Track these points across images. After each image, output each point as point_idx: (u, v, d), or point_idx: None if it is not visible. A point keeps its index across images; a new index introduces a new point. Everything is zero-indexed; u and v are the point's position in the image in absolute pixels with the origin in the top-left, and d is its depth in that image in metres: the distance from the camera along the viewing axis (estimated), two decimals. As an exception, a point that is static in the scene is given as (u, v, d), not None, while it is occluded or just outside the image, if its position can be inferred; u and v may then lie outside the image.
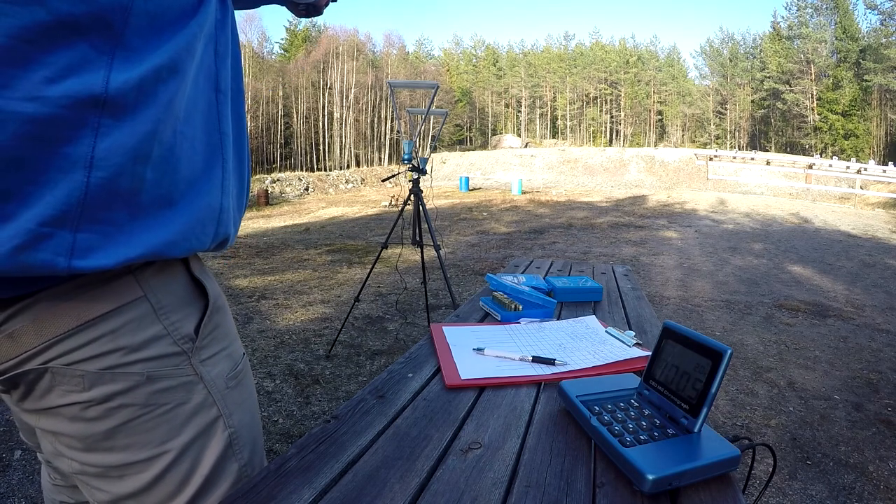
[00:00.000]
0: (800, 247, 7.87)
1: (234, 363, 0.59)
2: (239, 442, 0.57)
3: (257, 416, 0.62)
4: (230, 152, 0.54)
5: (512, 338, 0.96)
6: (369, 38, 51.86)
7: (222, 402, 0.55)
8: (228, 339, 0.58)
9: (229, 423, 0.56)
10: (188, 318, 0.53)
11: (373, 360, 2.93)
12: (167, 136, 0.45)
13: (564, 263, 1.94)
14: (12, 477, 1.77)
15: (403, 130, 3.41)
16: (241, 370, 0.59)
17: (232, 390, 0.57)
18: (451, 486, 0.50)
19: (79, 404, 0.47)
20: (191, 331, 0.53)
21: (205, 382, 0.54)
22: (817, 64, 38.96)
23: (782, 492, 1.83)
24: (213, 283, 0.57)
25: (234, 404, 0.57)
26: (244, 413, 0.59)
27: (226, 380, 0.56)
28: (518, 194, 17.92)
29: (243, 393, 0.59)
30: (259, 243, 7.67)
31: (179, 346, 0.51)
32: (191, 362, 0.52)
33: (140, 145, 0.42)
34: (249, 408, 0.60)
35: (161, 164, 0.45)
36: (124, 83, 0.40)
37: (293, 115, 41.57)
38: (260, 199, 19.18)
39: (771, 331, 3.70)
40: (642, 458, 0.50)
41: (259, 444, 0.62)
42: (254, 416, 0.61)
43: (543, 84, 54.88)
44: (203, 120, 0.50)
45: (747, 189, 19.80)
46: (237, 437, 0.57)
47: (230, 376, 0.57)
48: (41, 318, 0.44)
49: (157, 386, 0.50)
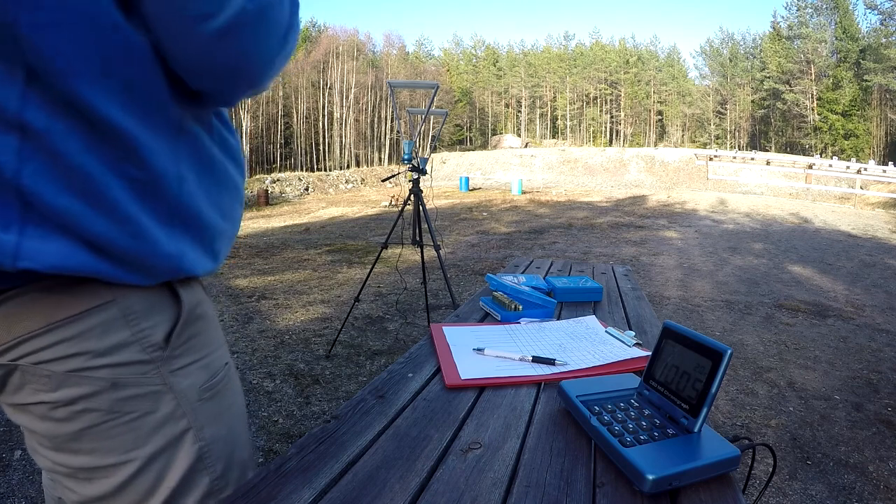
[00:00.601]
0: (800, 247, 7.87)
1: (211, 374, 0.57)
2: (211, 455, 0.56)
3: (239, 428, 0.61)
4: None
5: (512, 338, 0.96)
6: (369, 38, 52.00)
7: (192, 414, 0.54)
8: (208, 349, 0.57)
9: (200, 435, 0.55)
10: (160, 326, 0.51)
11: (373, 360, 2.93)
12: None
13: (564, 263, 1.94)
14: (12, 477, 1.77)
15: (403, 130, 3.41)
16: (218, 381, 0.58)
17: (205, 402, 0.55)
18: (451, 486, 0.50)
19: (46, 404, 0.48)
20: (160, 339, 0.51)
21: (174, 393, 0.52)
22: (817, 64, 38.97)
23: (782, 492, 1.83)
24: (194, 290, 0.56)
25: (207, 417, 0.56)
26: (220, 426, 0.57)
27: (198, 391, 0.55)
28: (518, 194, 17.92)
29: (220, 405, 0.58)
30: (259, 243, 7.67)
31: (148, 355, 0.50)
32: (160, 371, 0.51)
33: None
34: (228, 420, 0.59)
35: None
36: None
37: (293, 115, 41.58)
38: (260, 199, 19.17)
39: (771, 331, 3.70)
40: (642, 458, 0.50)
41: (239, 456, 0.60)
42: (232, 429, 0.59)
43: (543, 84, 54.89)
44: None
45: (747, 189, 19.81)
46: (209, 450, 0.56)
47: (204, 388, 0.56)
48: (10, 316, 0.45)
49: (123, 393, 0.49)
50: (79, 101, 0.42)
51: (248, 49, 0.45)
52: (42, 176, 0.42)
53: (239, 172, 0.60)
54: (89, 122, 0.43)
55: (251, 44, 0.45)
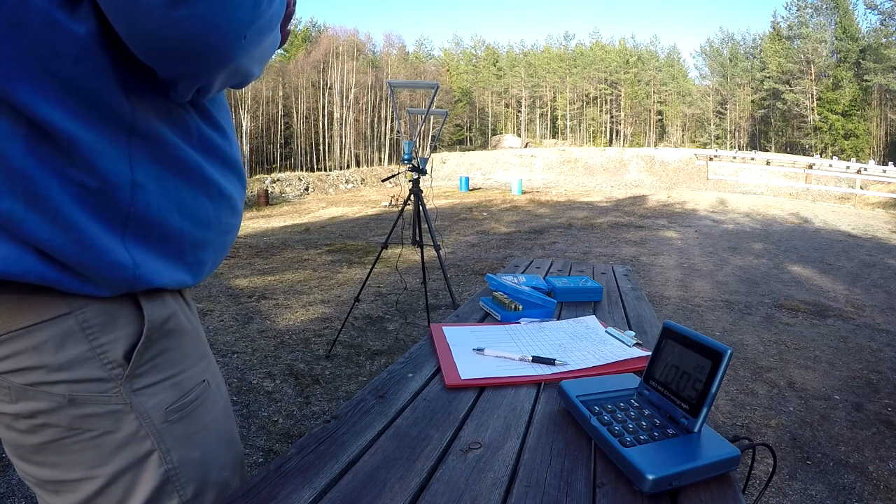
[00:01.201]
0: (800, 247, 7.87)
1: (182, 393, 0.53)
2: (180, 478, 0.52)
3: (215, 450, 0.57)
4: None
5: (512, 338, 0.96)
6: (369, 38, 51.97)
7: (158, 436, 0.51)
8: (179, 367, 0.53)
9: (167, 458, 0.51)
10: (120, 342, 0.48)
11: (373, 360, 2.93)
12: None
13: (564, 263, 1.94)
14: (12, 477, 1.77)
15: (403, 130, 3.41)
16: (191, 401, 0.54)
17: (173, 424, 0.52)
18: (451, 486, 0.50)
19: (8, 415, 0.47)
20: (121, 356, 0.48)
21: (136, 413, 0.49)
22: (817, 64, 38.96)
23: (782, 492, 1.83)
24: (163, 304, 0.52)
25: (175, 439, 0.52)
26: (190, 449, 0.53)
27: (164, 413, 0.51)
28: (518, 194, 17.92)
29: (191, 426, 0.54)
30: (259, 243, 7.67)
31: (107, 372, 0.47)
32: (120, 391, 0.48)
33: None
34: (200, 442, 0.55)
35: None
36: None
37: (293, 115, 41.58)
38: (260, 199, 19.16)
39: (771, 331, 3.70)
40: (642, 458, 0.51)
41: (215, 478, 0.56)
42: (207, 451, 0.55)
43: (543, 84, 54.89)
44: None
45: (747, 189, 19.81)
46: (176, 473, 0.52)
47: (172, 409, 0.52)
48: None
49: (82, 411, 0.47)
50: (14, 102, 0.39)
51: (207, 16, 0.39)
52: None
53: (228, 175, 0.56)
54: (28, 124, 0.40)
55: (209, 10, 0.39)
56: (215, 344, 3.15)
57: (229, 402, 0.63)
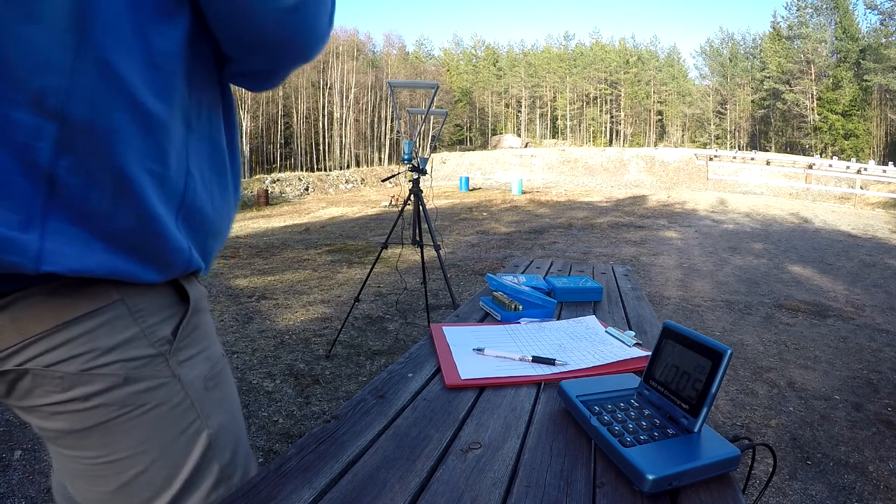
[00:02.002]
0: (800, 247, 7.87)
1: (213, 365, 0.58)
2: (219, 442, 0.57)
3: (238, 417, 0.63)
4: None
5: (512, 338, 0.96)
6: (369, 38, 51.94)
7: (200, 403, 0.55)
8: (207, 341, 0.58)
9: (208, 423, 0.56)
10: (166, 321, 0.52)
11: (373, 360, 2.93)
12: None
13: (564, 263, 1.94)
14: (12, 477, 1.77)
15: (403, 130, 3.41)
16: (219, 371, 0.60)
17: (210, 391, 0.57)
18: (451, 487, 0.50)
19: (59, 403, 0.48)
20: (168, 333, 0.52)
21: (182, 384, 0.54)
22: (817, 64, 38.97)
23: (782, 492, 1.83)
24: (196, 286, 0.57)
25: (213, 405, 0.57)
26: (224, 414, 0.59)
27: (204, 381, 0.56)
28: (518, 194, 17.92)
29: (222, 394, 0.59)
30: (259, 243, 7.67)
31: (156, 349, 0.51)
32: (168, 364, 0.52)
33: None
34: (229, 409, 0.60)
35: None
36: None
37: (293, 115, 41.58)
38: (260, 199, 19.17)
39: (771, 331, 3.70)
40: (642, 458, 0.51)
41: (242, 443, 0.62)
42: (234, 416, 0.61)
43: (543, 84, 54.89)
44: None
45: (747, 189, 19.81)
46: (217, 437, 0.57)
47: (208, 377, 0.57)
48: (21, 317, 0.45)
49: (135, 387, 0.50)
50: (125, 90, 0.42)
51: (310, 22, 0.50)
52: (76, 170, 0.41)
53: (235, 174, 0.61)
54: (130, 114, 0.43)
55: (313, 17, 0.50)
56: (215, 344, 3.16)
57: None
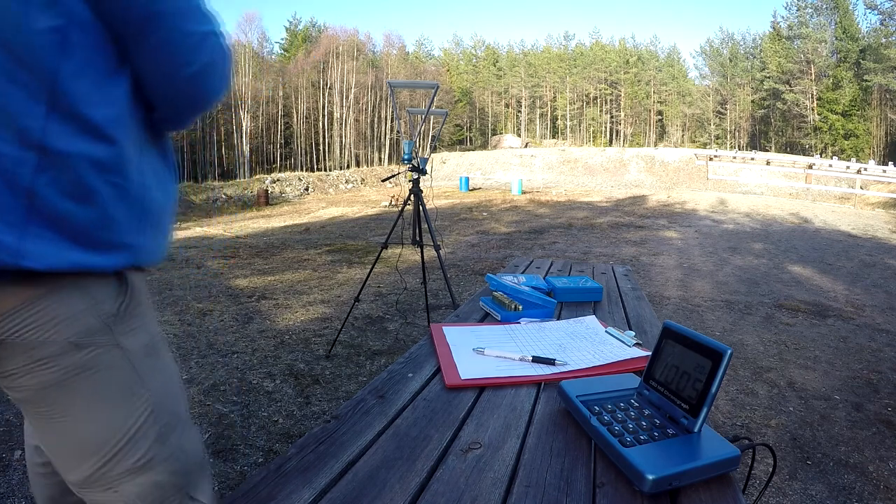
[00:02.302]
0: (800, 247, 7.87)
1: (151, 337, 0.69)
2: (158, 403, 0.67)
3: (175, 383, 0.73)
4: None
5: (512, 338, 0.96)
6: (369, 38, 51.82)
7: (140, 368, 0.66)
8: (146, 319, 0.69)
9: (147, 385, 0.66)
10: (111, 300, 0.63)
11: (373, 360, 2.93)
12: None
13: (564, 263, 1.94)
14: (12, 477, 1.77)
15: (403, 130, 3.41)
16: (157, 343, 0.70)
17: (149, 358, 0.67)
18: (451, 486, 0.50)
19: (25, 366, 0.59)
20: (113, 309, 0.63)
21: (124, 351, 0.64)
22: (817, 64, 38.95)
23: (782, 492, 1.83)
24: (137, 275, 0.69)
25: (152, 371, 0.68)
26: (161, 379, 0.69)
27: (143, 349, 0.67)
28: (518, 194, 17.92)
29: (160, 363, 0.70)
30: (259, 243, 7.68)
31: (102, 321, 0.62)
32: (112, 334, 0.63)
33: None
34: (166, 375, 0.71)
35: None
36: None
37: (293, 115, 41.56)
38: (260, 199, 19.18)
39: (771, 331, 3.70)
40: (642, 458, 0.51)
41: (179, 406, 0.72)
42: (170, 382, 0.71)
43: (543, 84, 54.87)
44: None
45: (747, 189, 19.81)
46: (155, 398, 0.67)
47: (147, 346, 0.68)
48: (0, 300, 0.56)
49: (85, 352, 0.61)
50: (91, 126, 0.56)
51: (210, 86, 0.66)
52: (52, 184, 0.53)
53: (174, 186, 0.76)
54: (95, 143, 0.56)
55: (211, 82, 0.65)
56: (215, 344, 3.15)
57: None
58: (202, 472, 0.74)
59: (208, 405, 2.34)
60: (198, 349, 3.06)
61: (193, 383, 2.57)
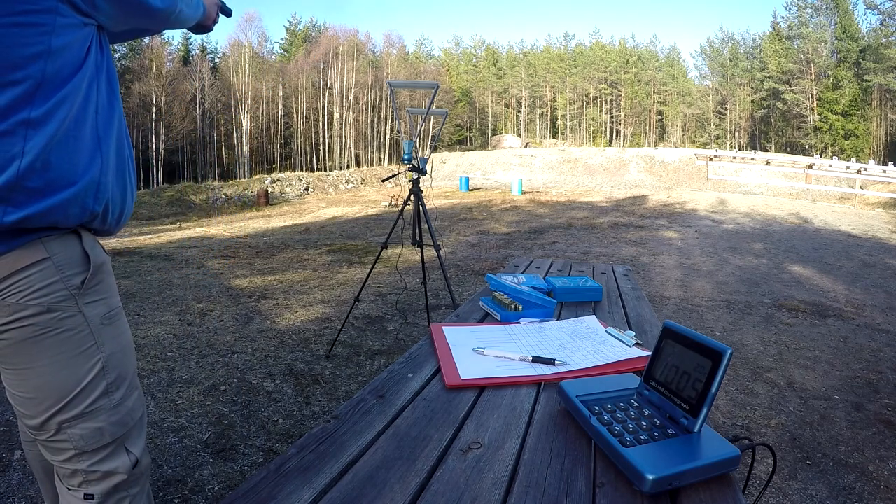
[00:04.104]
0: (800, 247, 7.87)
1: (110, 309, 0.84)
2: (109, 364, 0.82)
3: (128, 350, 0.88)
4: (108, 148, 0.81)
5: (512, 338, 0.96)
6: (369, 38, 51.78)
7: (98, 333, 0.81)
8: (108, 293, 0.84)
9: (102, 349, 0.81)
10: (77, 275, 0.78)
11: (373, 360, 2.93)
12: (62, 136, 0.73)
13: (564, 263, 1.94)
14: (12, 477, 1.77)
15: (403, 130, 3.41)
16: (115, 315, 0.85)
17: (106, 326, 0.82)
18: (451, 486, 0.50)
19: (6, 324, 0.73)
20: (78, 283, 0.78)
21: (85, 318, 0.79)
22: (817, 64, 38.94)
23: (782, 492, 1.83)
24: (99, 253, 0.83)
25: (108, 337, 0.82)
26: (115, 345, 0.84)
27: (101, 318, 0.81)
28: (518, 194, 17.92)
29: (116, 331, 0.85)
30: (259, 243, 7.68)
31: (69, 291, 0.77)
32: (76, 302, 0.78)
33: (48, 142, 0.71)
34: (120, 343, 0.86)
35: (60, 152, 0.73)
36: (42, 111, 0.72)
37: (293, 115, 41.55)
38: (260, 199, 19.17)
39: (771, 331, 3.70)
40: (642, 458, 0.51)
41: (128, 370, 0.87)
42: (124, 348, 0.86)
43: (543, 84, 54.86)
44: (88, 128, 0.77)
45: (747, 189, 19.81)
46: (107, 360, 0.82)
47: (105, 316, 0.82)
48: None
49: (53, 315, 0.75)
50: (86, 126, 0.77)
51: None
52: (34, 163, 0.69)
53: (131, 165, 0.91)
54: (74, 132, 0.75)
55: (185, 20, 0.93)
56: (215, 344, 3.15)
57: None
58: (139, 429, 0.88)
59: (208, 405, 2.34)
60: (198, 349, 3.06)
61: (193, 383, 2.57)
